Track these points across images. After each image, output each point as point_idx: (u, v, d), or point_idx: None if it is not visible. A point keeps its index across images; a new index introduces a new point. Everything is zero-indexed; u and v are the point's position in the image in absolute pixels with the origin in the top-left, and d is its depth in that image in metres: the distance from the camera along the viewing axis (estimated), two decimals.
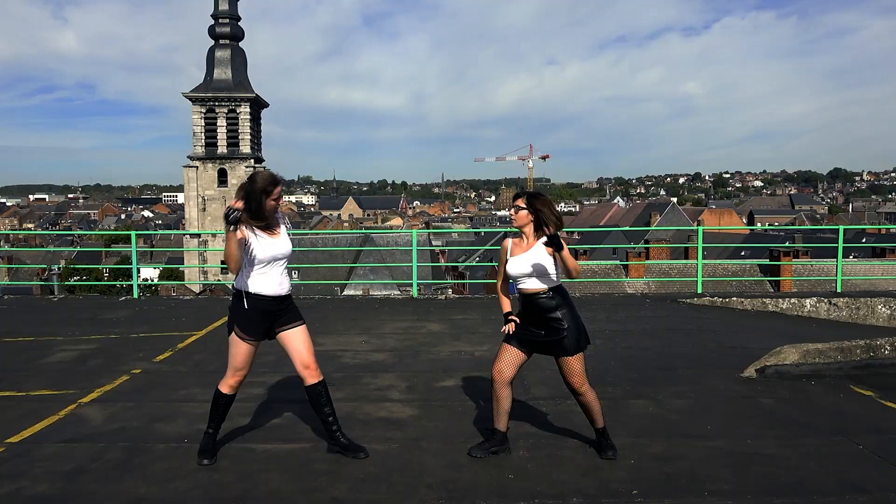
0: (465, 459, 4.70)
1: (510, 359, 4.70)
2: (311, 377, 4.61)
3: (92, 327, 9.51)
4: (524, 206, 4.52)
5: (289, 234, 4.62)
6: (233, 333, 4.53)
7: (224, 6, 58.83)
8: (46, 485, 4.32)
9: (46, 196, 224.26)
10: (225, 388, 4.65)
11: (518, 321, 4.62)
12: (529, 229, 4.55)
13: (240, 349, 4.53)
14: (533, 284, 4.53)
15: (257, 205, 4.30)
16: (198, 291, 43.40)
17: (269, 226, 4.47)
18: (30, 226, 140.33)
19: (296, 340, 4.60)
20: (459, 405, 5.89)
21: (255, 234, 4.40)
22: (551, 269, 4.51)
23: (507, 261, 4.60)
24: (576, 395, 4.68)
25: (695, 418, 5.53)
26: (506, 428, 4.76)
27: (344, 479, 4.39)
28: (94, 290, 31.03)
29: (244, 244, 4.37)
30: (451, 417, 5.57)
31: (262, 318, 4.50)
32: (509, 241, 4.68)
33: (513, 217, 4.60)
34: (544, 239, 4.37)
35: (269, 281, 4.47)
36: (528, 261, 4.50)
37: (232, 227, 4.23)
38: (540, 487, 4.27)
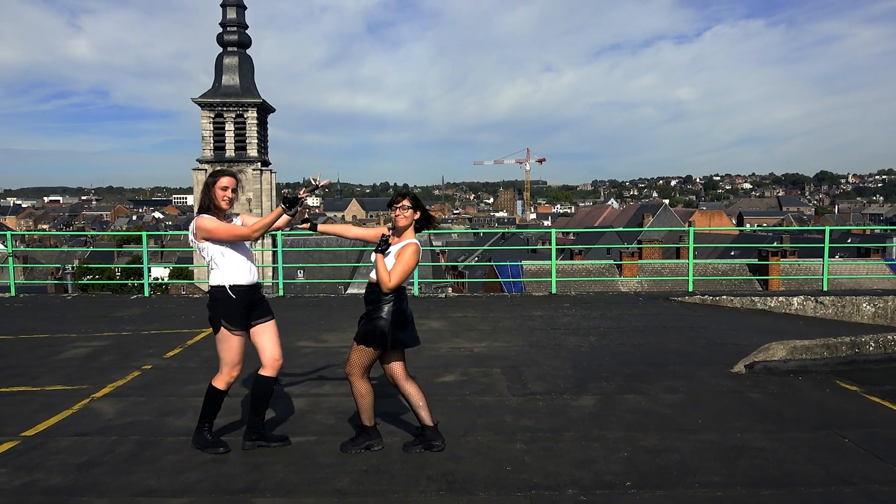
0: (465, 452, 4.69)
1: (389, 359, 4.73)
2: (275, 371, 4.68)
3: (104, 325, 9.51)
4: (410, 205, 4.56)
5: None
6: (221, 330, 4.55)
7: (232, 15, 58.82)
8: (60, 477, 4.32)
9: (60, 198, 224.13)
10: (222, 384, 4.66)
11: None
12: (409, 232, 4.59)
13: (232, 344, 4.57)
14: (372, 275, 4.59)
15: (206, 196, 4.48)
16: (206, 290, 43.31)
17: (227, 221, 4.59)
18: (44, 226, 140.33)
19: (269, 334, 4.68)
20: (459, 400, 5.89)
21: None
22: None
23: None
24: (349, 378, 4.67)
25: (686, 412, 5.53)
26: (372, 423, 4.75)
27: (348, 471, 4.39)
28: (107, 288, 31.00)
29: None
30: (451, 411, 5.57)
31: (245, 308, 4.57)
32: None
33: (399, 216, 4.56)
34: (410, 241, 4.52)
35: (243, 271, 4.57)
36: (374, 255, 4.60)
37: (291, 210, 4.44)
38: (536, 479, 4.27)
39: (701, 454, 4.65)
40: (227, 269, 4.55)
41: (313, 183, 4.64)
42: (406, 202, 4.56)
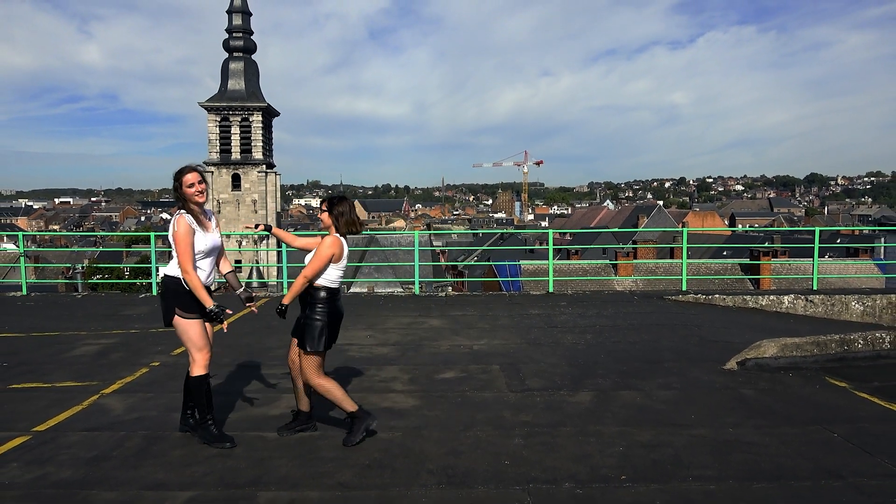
0: (465, 447, 4.70)
1: (293, 346, 4.82)
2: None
3: (113, 323, 9.51)
4: (325, 209, 4.73)
5: (219, 231, 4.80)
6: (177, 318, 4.56)
7: (237, 21, 58.84)
8: (71, 470, 4.32)
9: (71, 199, 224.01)
10: (201, 369, 4.68)
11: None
12: (331, 230, 4.71)
13: (193, 328, 4.60)
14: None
15: (178, 197, 4.57)
16: (213, 289, 43.23)
17: (201, 220, 4.60)
18: (55, 227, 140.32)
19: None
20: (458, 396, 5.89)
21: (195, 227, 4.54)
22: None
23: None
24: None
25: (680, 408, 5.53)
26: (308, 408, 4.90)
27: (350, 465, 4.39)
28: (116, 287, 30.99)
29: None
30: (451, 407, 5.57)
31: (196, 303, 4.58)
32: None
33: (321, 217, 4.80)
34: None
35: (201, 272, 4.59)
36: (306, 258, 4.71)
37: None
38: (534, 473, 4.27)
39: (694, 449, 4.65)
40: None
41: (250, 307, 4.88)
42: (323, 206, 4.77)
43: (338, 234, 4.66)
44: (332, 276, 4.63)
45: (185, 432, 4.89)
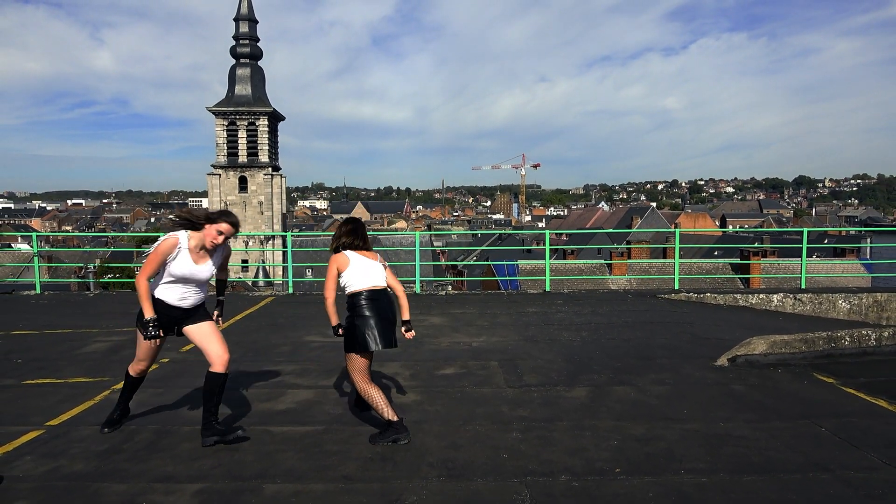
0: (464, 441, 4.69)
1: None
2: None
3: (124, 320, 9.50)
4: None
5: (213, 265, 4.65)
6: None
7: (244, 29, 58.84)
8: (83, 464, 4.32)
9: (83, 201, 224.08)
10: (134, 373, 4.79)
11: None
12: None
13: (143, 344, 4.62)
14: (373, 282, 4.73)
15: (198, 222, 4.49)
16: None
17: (197, 250, 4.52)
18: (68, 228, 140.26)
19: (201, 336, 4.69)
20: (458, 391, 5.89)
21: (182, 251, 4.46)
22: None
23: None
24: None
25: (672, 403, 5.53)
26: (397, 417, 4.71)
27: (353, 458, 4.39)
28: (126, 286, 30.98)
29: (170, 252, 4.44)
30: (451, 402, 5.56)
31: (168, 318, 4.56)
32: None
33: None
34: None
35: (169, 292, 4.53)
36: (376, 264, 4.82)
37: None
38: (532, 466, 4.26)
39: (686, 442, 4.65)
40: (160, 282, 4.52)
41: (216, 316, 4.89)
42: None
43: (336, 251, 4.78)
44: (351, 281, 4.67)
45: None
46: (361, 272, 4.68)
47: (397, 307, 4.81)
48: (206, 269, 4.60)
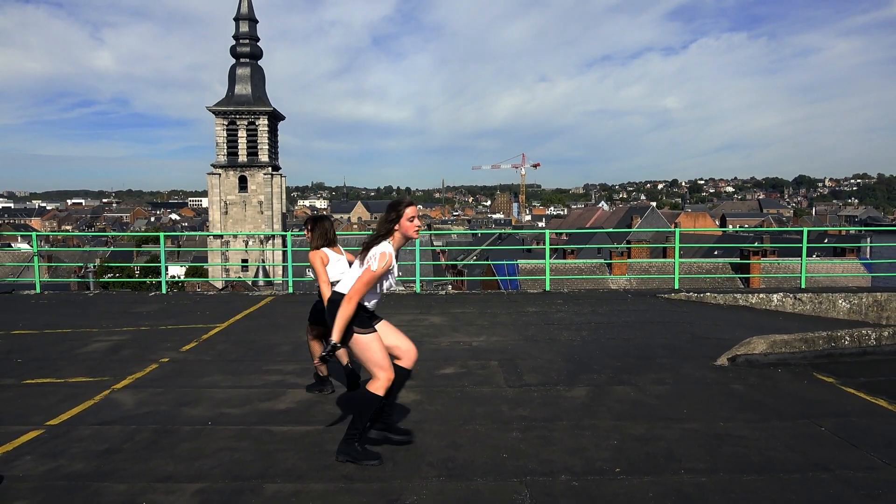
0: (464, 440, 4.69)
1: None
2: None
3: (124, 320, 9.51)
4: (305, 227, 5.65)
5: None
6: (356, 336, 4.16)
7: (244, 28, 58.86)
8: (83, 463, 4.32)
9: (83, 200, 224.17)
10: (379, 390, 4.26)
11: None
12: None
13: (374, 343, 4.51)
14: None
15: (387, 223, 4.18)
16: (220, 287, 43.38)
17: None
18: (68, 227, 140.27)
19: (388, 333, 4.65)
20: (458, 391, 5.88)
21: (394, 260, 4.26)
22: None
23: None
24: None
25: (672, 403, 5.52)
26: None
27: None
28: (126, 286, 30.97)
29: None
30: (451, 402, 5.56)
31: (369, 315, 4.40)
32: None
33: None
34: None
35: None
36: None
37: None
38: (531, 465, 4.26)
39: (686, 442, 4.65)
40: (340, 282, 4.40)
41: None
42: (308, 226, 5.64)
43: (315, 248, 5.47)
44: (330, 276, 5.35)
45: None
46: (336, 268, 5.35)
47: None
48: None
